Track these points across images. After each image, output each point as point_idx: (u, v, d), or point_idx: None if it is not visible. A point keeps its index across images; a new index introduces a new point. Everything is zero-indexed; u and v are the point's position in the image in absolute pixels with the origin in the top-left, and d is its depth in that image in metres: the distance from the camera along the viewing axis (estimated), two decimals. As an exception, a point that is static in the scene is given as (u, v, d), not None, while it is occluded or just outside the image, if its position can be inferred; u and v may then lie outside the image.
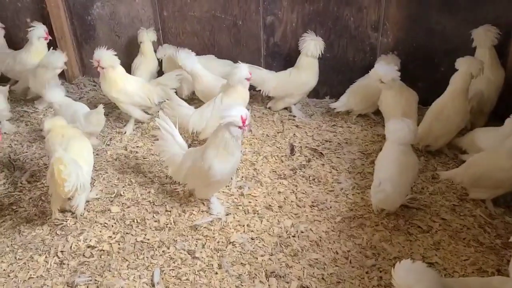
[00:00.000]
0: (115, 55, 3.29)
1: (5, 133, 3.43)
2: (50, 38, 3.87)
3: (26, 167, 3.08)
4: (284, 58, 3.73)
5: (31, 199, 2.78)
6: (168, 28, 3.90)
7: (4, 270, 2.27)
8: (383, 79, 3.02)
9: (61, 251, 2.38)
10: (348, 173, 2.92)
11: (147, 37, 3.84)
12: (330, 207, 2.64)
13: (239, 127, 2.31)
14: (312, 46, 3.36)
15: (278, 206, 2.67)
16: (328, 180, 2.88)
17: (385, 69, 3.04)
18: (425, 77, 3.42)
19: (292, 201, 2.71)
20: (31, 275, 2.25)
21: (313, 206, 2.67)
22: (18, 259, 2.34)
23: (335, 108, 3.48)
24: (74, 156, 2.48)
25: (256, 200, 2.72)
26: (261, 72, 3.51)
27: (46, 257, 2.35)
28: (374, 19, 3.40)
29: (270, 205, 2.68)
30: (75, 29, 4.12)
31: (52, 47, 3.76)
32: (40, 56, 3.74)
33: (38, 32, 3.79)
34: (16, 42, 4.28)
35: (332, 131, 3.39)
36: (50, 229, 2.53)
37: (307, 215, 2.60)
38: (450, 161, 2.99)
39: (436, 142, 2.98)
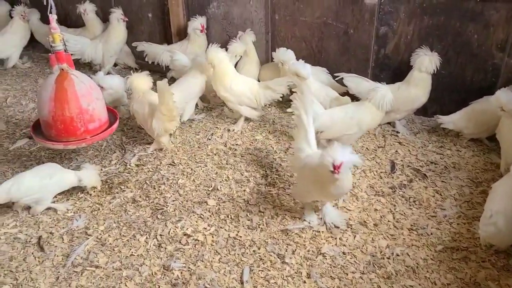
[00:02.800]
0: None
1: (120, 117, 3.72)
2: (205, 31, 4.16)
3: (135, 151, 3.32)
4: (393, 71, 3.58)
5: (137, 181, 2.98)
6: (277, 31, 3.95)
7: (110, 243, 2.46)
8: (505, 107, 2.77)
9: (160, 235, 2.51)
10: (454, 200, 2.72)
11: (249, 39, 3.95)
12: (431, 234, 2.48)
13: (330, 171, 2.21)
14: (426, 61, 3.19)
15: (374, 224, 2.57)
16: (431, 205, 2.70)
17: (510, 96, 2.78)
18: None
19: (389, 221, 2.59)
20: (132, 252, 2.40)
21: (412, 229, 2.52)
22: (123, 235, 2.52)
23: (442, 123, 3.26)
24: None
25: (351, 214, 2.65)
26: (368, 84, 3.40)
27: (146, 238, 2.50)
28: (502, 38, 3.12)
29: (365, 222, 2.58)
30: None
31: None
32: (201, 48, 4.09)
33: (194, 24, 4.11)
34: (137, 34, 4.64)
35: (439, 153, 3.18)
36: (152, 212, 2.69)
37: (404, 238, 2.46)
38: None
39: None
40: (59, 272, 2.29)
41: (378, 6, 3.43)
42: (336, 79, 3.52)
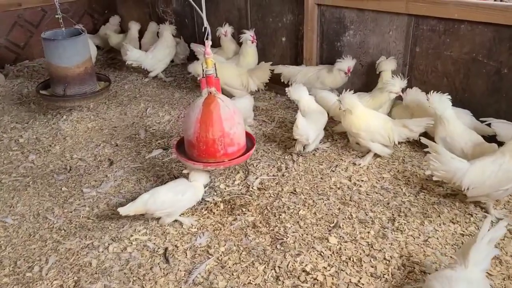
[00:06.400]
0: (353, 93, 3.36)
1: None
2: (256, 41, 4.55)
3: (258, 173, 3.35)
4: (553, 119, 3.12)
5: (258, 206, 2.99)
6: (416, 64, 3.72)
7: (229, 267, 2.48)
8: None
9: (279, 267, 2.46)
10: None
11: (389, 66, 3.76)
12: None
13: None
14: None
15: (521, 297, 2.22)
16: None
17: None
18: None
19: (540, 297, 2.22)
20: (250, 280, 2.39)
21: None
22: (242, 261, 2.53)
23: None
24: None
25: (493, 281, 2.31)
26: (520, 130, 3.01)
27: (265, 267, 2.47)
28: None
29: (510, 293, 2.25)
30: (323, 52, 4.32)
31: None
32: (252, 58, 4.57)
33: (246, 36, 4.53)
34: (269, 56, 4.76)
35: None
36: (272, 241, 2.66)
37: (562, 323, 2.08)
38: None
39: None
40: (181, 287, 2.36)
41: (542, 44, 3.03)
42: (484, 123, 3.17)
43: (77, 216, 2.98)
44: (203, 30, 2.76)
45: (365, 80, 4.13)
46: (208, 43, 2.78)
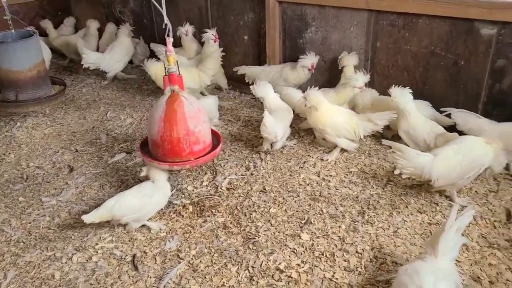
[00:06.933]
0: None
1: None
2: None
3: (226, 173, 3.29)
4: (509, 108, 3.24)
5: (228, 206, 2.93)
6: (378, 59, 3.78)
7: (202, 270, 2.41)
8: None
9: (252, 267, 2.42)
10: None
11: (351, 61, 3.81)
12: (562, 302, 2.14)
13: None
14: None
15: (489, 281, 2.27)
16: (559, 266, 2.35)
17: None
18: None
19: (507, 280, 2.27)
20: (224, 282, 2.32)
21: (538, 294, 2.20)
22: (214, 263, 2.46)
23: None
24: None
25: (461, 267, 2.37)
26: (480, 121, 3.11)
27: (238, 268, 2.41)
28: None
29: (478, 277, 2.29)
30: (286, 50, 4.32)
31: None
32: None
33: (208, 35, 4.46)
34: (231, 55, 4.71)
35: None
36: (244, 241, 2.61)
37: (528, 304, 2.15)
38: None
39: None
40: (152, 294, 2.27)
41: (496, 37, 3.14)
42: (444, 114, 3.25)
43: (37, 226, 2.81)
44: (163, 27, 2.67)
45: (328, 76, 4.16)
46: (170, 40, 2.70)
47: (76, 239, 2.67)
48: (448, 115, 3.24)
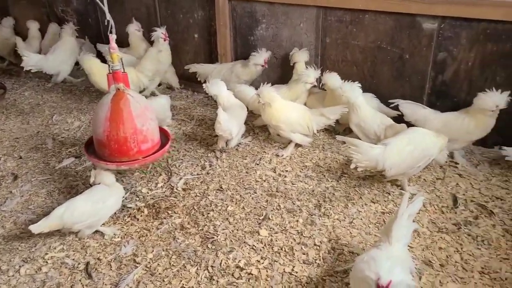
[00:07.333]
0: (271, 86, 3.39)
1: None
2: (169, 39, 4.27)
3: (181, 174, 3.23)
4: (451, 98, 3.41)
5: (185, 207, 2.88)
6: (328, 55, 3.85)
7: (160, 273, 2.35)
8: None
9: (212, 266, 2.39)
10: (528, 242, 2.51)
11: (302, 57, 3.86)
12: (506, 279, 2.26)
13: None
14: (490, 103, 2.97)
15: (440, 264, 2.37)
16: (501, 245, 2.49)
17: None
18: None
19: (456, 262, 2.39)
20: (183, 284, 2.28)
21: (483, 273, 2.31)
22: (172, 265, 2.41)
23: (507, 156, 3.04)
24: None
25: (413, 252, 2.46)
26: (425, 111, 3.24)
27: (197, 269, 2.38)
28: None
29: (430, 261, 2.39)
30: (237, 47, 4.30)
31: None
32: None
33: (157, 33, 4.23)
34: (182, 53, 4.63)
35: (504, 188, 2.96)
36: (202, 241, 2.57)
37: (475, 283, 2.25)
38: None
39: None
40: (108, 302, 2.19)
41: (437, 31, 3.28)
42: (391, 105, 3.36)
43: (-21, 240, 2.64)
44: (105, 23, 2.58)
45: (280, 73, 4.19)
46: (113, 37, 2.61)
47: (24, 250, 2.53)
48: (396, 107, 3.36)
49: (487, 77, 3.22)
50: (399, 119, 3.31)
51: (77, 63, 5.05)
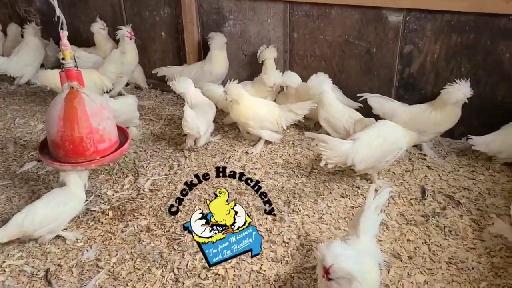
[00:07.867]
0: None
1: (132, 139, 3.56)
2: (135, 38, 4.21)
3: (148, 175, 3.15)
4: (418, 91, 3.42)
5: (151, 208, 2.80)
6: (296, 50, 3.82)
7: (123, 278, 2.27)
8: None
9: (177, 268, 2.32)
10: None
11: (270, 54, 3.81)
12: (472, 268, 2.27)
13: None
14: (459, 96, 2.99)
15: (408, 257, 2.36)
16: (468, 235, 2.50)
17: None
18: None
19: (424, 253, 2.38)
20: (147, 287, 2.22)
21: (450, 263, 2.31)
22: (137, 268, 2.33)
23: (473, 145, 3.06)
24: None
25: (382, 246, 2.44)
26: (393, 104, 3.25)
27: (162, 271, 2.30)
28: (536, 57, 2.97)
29: (398, 254, 2.38)
30: (205, 44, 4.23)
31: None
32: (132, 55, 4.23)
33: (123, 32, 4.17)
34: (150, 52, 4.54)
35: (471, 178, 2.99)
36: (168, 243, 2.50)
37: (443, 273, 2.25)
38: None
39: None
40: (68, 310, 2.10)
41: (403, 24, 3.29)
42: (360, 99, 3.35)
43: None
44: (55, 19, 2.48)
45: (249, 70, 4.14)
46: (64, 34, 2.52)
47: (-20, 259, 2.42)
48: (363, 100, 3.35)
49: (452, 68, 3.24)
50: (368, 113, 3.31)
51: (42, 65, 4.91)
